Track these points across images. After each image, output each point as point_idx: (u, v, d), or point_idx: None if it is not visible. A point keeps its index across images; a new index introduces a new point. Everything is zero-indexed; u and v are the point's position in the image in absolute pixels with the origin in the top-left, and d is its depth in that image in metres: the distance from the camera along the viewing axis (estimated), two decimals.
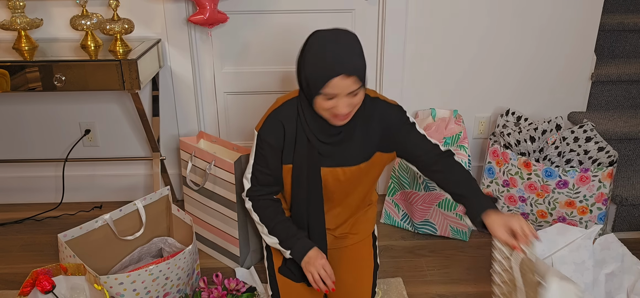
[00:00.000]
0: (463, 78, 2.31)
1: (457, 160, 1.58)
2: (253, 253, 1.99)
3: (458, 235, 2.12)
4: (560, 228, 1.61)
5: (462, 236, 2.12)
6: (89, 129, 2.32)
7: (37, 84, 1.83)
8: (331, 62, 1.33)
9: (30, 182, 2.42)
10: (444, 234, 2.14)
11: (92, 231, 1.74)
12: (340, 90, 1.35)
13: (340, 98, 1.37)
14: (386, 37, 2.19)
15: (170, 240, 1.90)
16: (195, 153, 1.95)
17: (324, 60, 1.34)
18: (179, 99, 2.26)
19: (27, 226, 2.27)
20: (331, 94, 1.36)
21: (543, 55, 2.28)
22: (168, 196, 1.92)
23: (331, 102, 1.38)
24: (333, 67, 1.33)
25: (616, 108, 2.46)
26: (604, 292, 1.60)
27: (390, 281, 1.89)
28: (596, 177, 1.89)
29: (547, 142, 2.04)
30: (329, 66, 1.33)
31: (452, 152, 1.59)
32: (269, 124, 1.53)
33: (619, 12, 2.71)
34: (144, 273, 1.52)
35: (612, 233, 1.67)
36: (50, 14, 2.08)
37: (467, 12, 2.18)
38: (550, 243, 1.61)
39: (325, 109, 1.41)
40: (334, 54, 1.34)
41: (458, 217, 2.07)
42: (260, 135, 1.54)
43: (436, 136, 2.13)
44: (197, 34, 2.21)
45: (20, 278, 1.94)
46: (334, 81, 1.34)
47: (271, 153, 1.54)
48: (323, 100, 1.38)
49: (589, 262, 1.59)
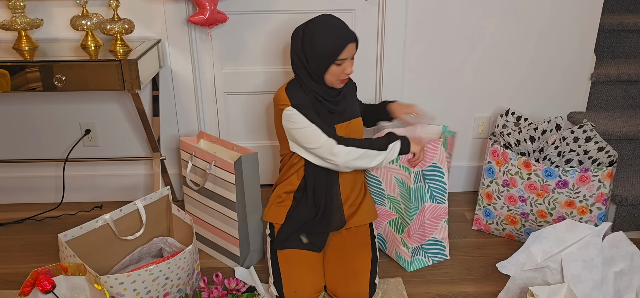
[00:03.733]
0: (463, 78, 2.31)
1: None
2: (253, 253, 1.99)
3: (400, 262, 1.99)
4: (569, 225, 1.61)
5: (404, 264, 1.98)
6: (89, 129, 2.32)
7: (38, 84, 1.83)
8: (342, 32, 1.68)
9: (30, 182, 2.42)
10: (390, 254, 2.05)
11: (92, 231, 1.74)
12: (348, 54, 1.69)
13: (347, 61, 1.71)
14: (386, 37, 2.19)
15: (171, 240, 1.90)
16: (195, 153, 1.95)
17: (335, 33, 1.67)
18: (179, 99, 2.26)
19: (27, 226, 2.27)
20: (342, 59, 1.68)
21: (543, 55, 2.28)
22: (168, 196, 1.92)
23: (340, 67, 1.70)
24: (346, 36, 1.68)
25: (616, 108, 2.46)
26: (613, 290, 1.60)
27: (390, 281, 1.89)
28: (596, 177, 1.89)
29: (547, 142, 2.04)
30: (342, 36, 1.67)
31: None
32: (295, 95, 1.74)
33: (619, 12, 2.71)
34: (144, 273, 1.53)
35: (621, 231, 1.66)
36: (51, 14, 2.08)
37: (467, 12, 2.18)
38: (559, 240, 1.61)
39: (337, 74, 1.71)
40: (340, 27, 1.69)
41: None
42: (298, 104, 1.73)
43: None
44: (197, 34, 2.21)
45: (20, 278, 1.94)
46: (348, 47, 1.68)
47: (315, 114, 1.73)
48: (335, 67, 1.69)
49: (598, 259, 1.58)
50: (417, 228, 1.92)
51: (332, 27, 1.68)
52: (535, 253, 1.63)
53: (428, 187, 1.91)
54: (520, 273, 1.66)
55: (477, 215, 2.19)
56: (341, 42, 1.66)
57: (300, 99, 1.73)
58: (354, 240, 1.85)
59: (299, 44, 1.71)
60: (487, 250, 2.09)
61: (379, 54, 2.26)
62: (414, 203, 1.86)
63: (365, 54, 2.28)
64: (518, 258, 1.65)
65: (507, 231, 2.15)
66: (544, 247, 1.63)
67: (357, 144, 1.72)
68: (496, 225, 2.15)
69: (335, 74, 1.71)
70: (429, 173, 1.88)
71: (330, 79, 1.72)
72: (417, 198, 1.88)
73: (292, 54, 1.75)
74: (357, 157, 1.70)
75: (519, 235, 2.14)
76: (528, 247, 1.64)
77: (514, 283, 1.68)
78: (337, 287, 1.73)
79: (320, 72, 1.70)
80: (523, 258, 1.65)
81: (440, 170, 1.89)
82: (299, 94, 1.74)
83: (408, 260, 1.95)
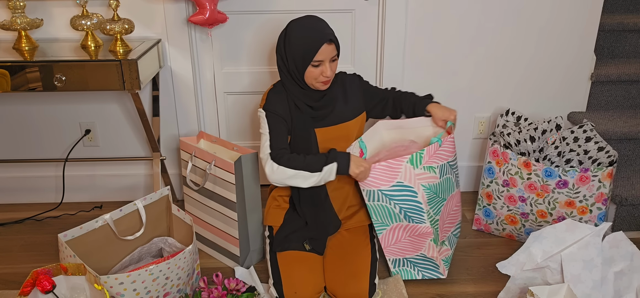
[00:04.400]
0: (463, 78, 2.31)
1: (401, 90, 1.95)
2: (253, 253, 1.99)
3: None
4: (569, 224, 1.61)
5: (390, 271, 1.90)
6: (89, 129, 2.32)
7: (38, 84, 1.83)
8: (317, 33, 1.65)
9: (30, 182, 2.42)
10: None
11: (92, 231, 1.74)
12: (325, 55, 1.66)
13: (325, 63, 1.67)
14: (386, 37, 2.19)
15: (171, 240, 1.90)
16: (195, 153, 1.95)
17: (311, 34, 1.65)
18: (179, 99, 2.26)
19: (27, 226, 2.27)
20: (319, 61, 1.65)
21: (543, 55, 2.28)
22: (168, 196, 1.92)
23: (318, 69, 1.67)
24: (321, 37, 1.64)
25: (616, 108, 2.46)
26: (613, 290, 1.60)
27: (390, 281, 1.89)
28: (596, 177, 1.89)
29: (547, 142, 2.04)
30: (317, 37, 1.64)
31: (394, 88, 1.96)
32: (272, 98, 1.75)
33: (619, 12, 2.71)
34: (144, 273, 1.53)
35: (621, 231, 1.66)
36: (51, 14, 2.08)
37: (467, 12, 2.18)
38: (559, 240, 1.61)
39: (315, 77, 1.69)
40: (316, 27, 1.66)
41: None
42: (268, 109, 1.73)
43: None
44: (197, 34, 2.21)
45: (20, 278, 1.94)
46: (323, 48, 1.64)
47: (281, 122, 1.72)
48: (312, 69, 1.67)
49: (598, 259, 1.58)
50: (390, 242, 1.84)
51: (307, 28, 1.66)
52: (535, 253, 1.63)
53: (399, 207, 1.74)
54: (520, 273, 1.66)
55: (477, 215, 2.19)
56: (315, 44, 1.64)
57: (273, 103, 1.73)
58: (354, 241, 1.85)
59: (281, 45, 1.72)
60: (487, 250, 2.09)
61: (379, 54, 2.26)
62: (378, 219, 1.79)
63: (365, 54, 2.28)
64: (518, 258, 1.65)
65: (507, 231, 2.15)
66: (544, 247, 1.63)
67: (293, 163, 1.65)
68: (496, 225, 2.15)
69: (314, 75, 1.68)
70: (395, 193, 1.72)
71: (310, 80, 1.70)
72: (383, 216, 1.78)
73: (276, 56, 1.75)
74: (290, 177, 1.66)
75: (519, 235, 2.14)
76: (528, 247, 1.64)
77: (514, 283, 1.68)
78: (337, 288, 1.73)
79: (299, 73, 1.70)
80: (523, 258, 1.65)
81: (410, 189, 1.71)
82: (276, 98, 1.74)
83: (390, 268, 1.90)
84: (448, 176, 1.79)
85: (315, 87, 1.72)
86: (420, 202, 1.71)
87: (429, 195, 1.72)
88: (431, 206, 1.75)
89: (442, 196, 1.79)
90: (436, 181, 1.73)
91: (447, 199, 1.82)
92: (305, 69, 1.68)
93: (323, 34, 1.64)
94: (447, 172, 1.78)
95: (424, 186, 1.71)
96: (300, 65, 1.67)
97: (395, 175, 1.70)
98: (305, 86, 1.73)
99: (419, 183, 1.70)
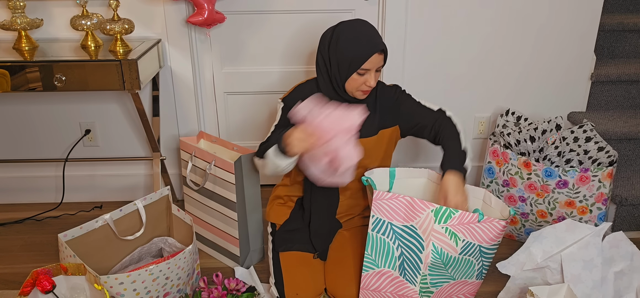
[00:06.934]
0: (463, 78, 2.31)
1: (449, 115, 1.70)
2: (253, 253, 1.99)
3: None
4: (569, 225, 1.60)
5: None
6: (89, 129, 2.32)
7: (38, 84, 1.83)
8: (369, 41, 1.57)
9: (30, 182, 2.42)
10: None
11: (92, 231, 1.74)
12: (373, 65, 1.58)
13: (371, 73, 1.60)
14: (386, 37, 2.19)
15: (171, 240, 1.90)
16: (195, 153, 1.95)
17: (362, 40, 1.57)
18: (179, 99, 2.26)
19: (27, 226, 2.27)
20: (365, 70, 1.58)
21: (543, 55, 2.28)
22: (168, 196, 1.92)
23: (363, 77, 1.60)
24: (372, 45, 1.57)
25: (616, 108, 2.46)
26: (613, 290, 1.60)
27: None
28: (596, 177, 1.89)
29: (547, 142, 2.04)
30: (368, 45, 1.56)
31: (443, 111, 1.72)
32: (295, 95, 1.70)
33: (619, 12, 2.71)
34: (144, 273, 1.53)
35: (621, 231, 1.66)
36: (51, 14, 2.08)
37: (466, 12, 2.18)
38: (559, 240, 1.61)
39: (357, 85, 1.61)
40: (369, 35, 1.58)
41: None
42: (287, 104, 1.70)
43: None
44: (197, 34, 2.21)
45: (20, 278, 1.94)
46: (374, 57, 1.57)
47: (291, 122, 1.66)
48: (357, 77, 1.60)
49: (598, 259, 1.58)
50: (369, 286, 1.67)
51: (360, 33, 1.58)
52: (535, 253, 1.63)
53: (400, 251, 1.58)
54: (520, 273, 1.66)
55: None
56: (366, 52, 1.56)
57: (295, 100, 1.65)
58: (354, 242, 1.85)
59: (325, 45, 1.64)
60: None
61: None
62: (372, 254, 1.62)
63: None
64: (518, 258, 1.65)
65: (507, 231, 2.15)
66: (544, 247, 1.63)
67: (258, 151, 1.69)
68: None
69: (357, 84, 1.61)
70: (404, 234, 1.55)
71: (351, 88, 1.63)
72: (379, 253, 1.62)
73: (317, 55, 1.68)
74: (259, 167, 1.71)
75: (519, 235, 2.14)
76: (528, 247, 1.64)
77: (514, 283, 1.68)
78: (337, 289, 1.72)
79: (341, 78, 1.62)
80: (523, 258, 1.65)
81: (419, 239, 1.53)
82: (300, 96, 1.65)
83: None
84: (471, 259, 1.54)
85: (354, 95, 1.65)
86: (421, 259, 1.54)
87: (434, 260, 1.52)
88: (431, 273, 1.56)
89: (451, 273, 1.57)
90: (452, 253, 1.51)
91: (456, 280, 1.60)
92: (349, 76, 1.60)
93: (375, 43, 1.57)
94: (474, 254, 1.53)
95: (434, 247, 1.51)
96: (345, 71, 1.60)
97: (413, 217, 1.53)
98: (342, 92, 1.66)
99: (431, 241, 1.51)
